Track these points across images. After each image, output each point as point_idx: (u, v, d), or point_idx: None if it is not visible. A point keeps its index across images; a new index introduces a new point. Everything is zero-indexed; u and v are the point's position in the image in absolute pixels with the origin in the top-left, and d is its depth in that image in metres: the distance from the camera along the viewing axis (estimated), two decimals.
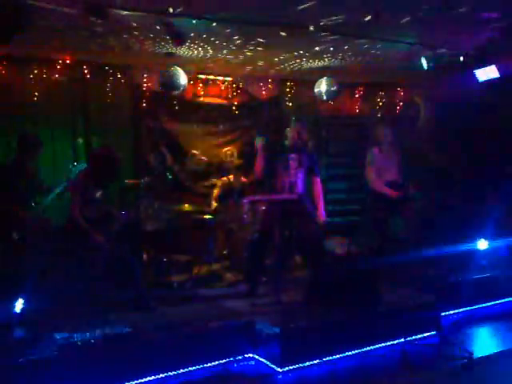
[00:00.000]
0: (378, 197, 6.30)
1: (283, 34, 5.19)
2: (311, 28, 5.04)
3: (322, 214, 5.36)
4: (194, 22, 4.70)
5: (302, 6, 4.43)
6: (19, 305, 4.17)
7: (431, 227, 6.73)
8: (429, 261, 5.82)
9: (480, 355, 4.34)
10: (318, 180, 5.46)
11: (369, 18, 4.63)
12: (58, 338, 3.92)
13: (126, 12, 4.24)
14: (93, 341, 3.89)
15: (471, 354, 4.22)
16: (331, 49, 6.03)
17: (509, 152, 6.78)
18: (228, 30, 5.12)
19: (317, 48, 5.99)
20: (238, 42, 5.56)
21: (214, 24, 4.87)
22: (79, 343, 3.86)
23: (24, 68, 6.16)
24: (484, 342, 4.87)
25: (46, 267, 4.73)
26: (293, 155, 5.26)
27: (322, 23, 5.04)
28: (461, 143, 7.36)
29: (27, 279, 4.31)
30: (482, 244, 6.04)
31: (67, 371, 3.63)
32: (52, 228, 5.12)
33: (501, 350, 4.55)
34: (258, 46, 5.79)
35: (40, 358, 3.66)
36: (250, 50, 5.95)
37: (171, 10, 4.30)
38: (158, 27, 4.73)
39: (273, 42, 5.64)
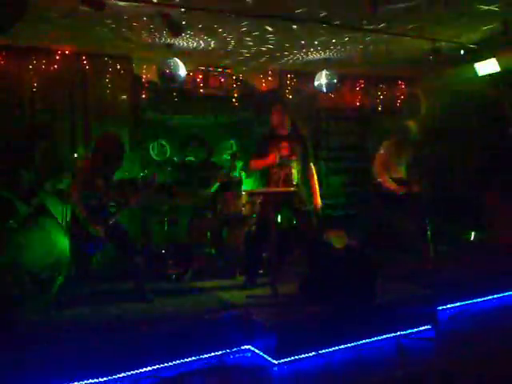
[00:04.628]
0: (381, 191, 6.24)
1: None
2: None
3: (317, 202, 5.33)
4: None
5: None
6: None
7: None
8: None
9: (476, 349, 4.34)
10: (311, 167, 5.41)
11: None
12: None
13: (122, 3, 4.22)
14: (88, 330, 3.92)
15: (466, 348, 4.20)
16: (332, 41, 6.01)
17: None
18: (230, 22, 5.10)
19: (316, 41, 5.97)
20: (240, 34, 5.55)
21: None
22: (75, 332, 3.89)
23: (23, 59, 6.12)
24: (480, 336, 4.85)
25: None
26: (285, 144, 5.20)
27: (322, 15, 5.03)
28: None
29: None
30: None
31: (63, 357, 3.66)
32: None
33: (496, 344, 4.53)
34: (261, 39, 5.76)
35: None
36: (252, 42, 5.93)
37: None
38: (155, 18, 4.71)
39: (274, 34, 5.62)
